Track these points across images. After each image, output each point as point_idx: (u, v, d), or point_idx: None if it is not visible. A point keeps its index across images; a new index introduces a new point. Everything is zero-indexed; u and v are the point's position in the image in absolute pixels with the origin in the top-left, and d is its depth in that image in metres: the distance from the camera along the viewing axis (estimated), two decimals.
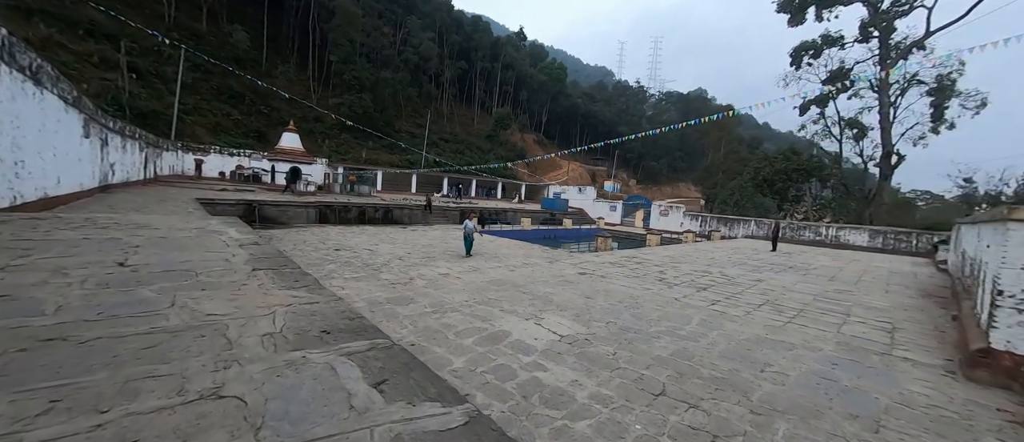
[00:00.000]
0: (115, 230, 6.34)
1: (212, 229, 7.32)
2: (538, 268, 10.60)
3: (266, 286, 3.61)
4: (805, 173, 35.86)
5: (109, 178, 16.01)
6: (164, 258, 4.48)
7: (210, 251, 5.12)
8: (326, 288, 3.69)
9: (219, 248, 5.38)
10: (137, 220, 7.79)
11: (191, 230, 7.03)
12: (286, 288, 3.59)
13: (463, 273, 9.32)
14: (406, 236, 18.71)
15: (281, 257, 5.14)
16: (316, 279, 4.01)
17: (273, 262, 4.77)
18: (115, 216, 8.20)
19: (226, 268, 4.20)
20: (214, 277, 3.79)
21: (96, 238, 5.43)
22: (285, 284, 3.74)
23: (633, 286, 8.70)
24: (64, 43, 28.83)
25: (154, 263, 4.17)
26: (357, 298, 6.65)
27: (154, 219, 8.16)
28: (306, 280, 3.95)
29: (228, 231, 7.20)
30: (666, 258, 13.96)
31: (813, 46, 28.68)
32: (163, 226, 7.20)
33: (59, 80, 9.30)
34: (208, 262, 4.42)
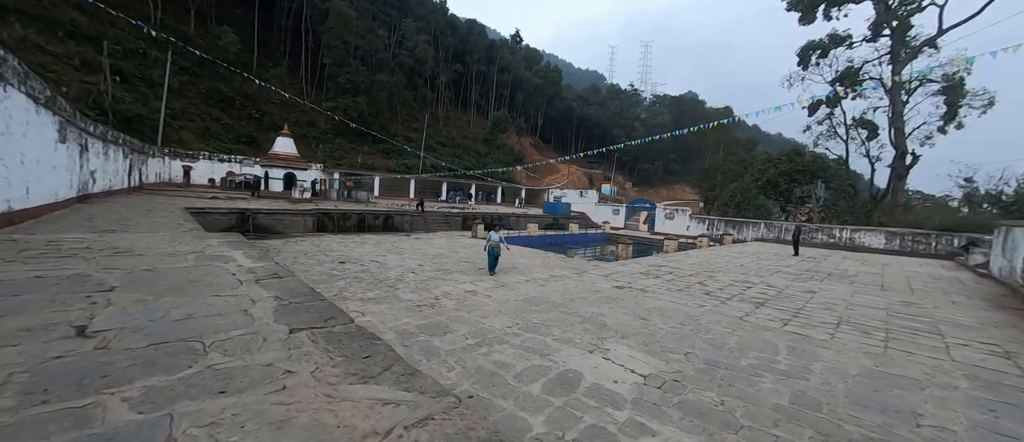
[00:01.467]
0: (84, 259, 5.09)
1: (213, 253, 6.13)
2: (568, 281, 9.68)
3: (324, 373, 2.38)
4: (810, 174, 35.54)
5: (89, 187, 14.75)
6: (150, 313, 3.28)
7: (218, 294, 3.95)
8: (420, 372, 2.52)
9: (229, 287, 4.22)
10: (116, 242, 6.56)
11: (186, 256, 5.82)
12: (358, 376, 2.36)
13: (491, 290, 8.35)
14: (412, 245, 17.66)
15: (321, 302, 3.96)
16: (400, 358, 2.71)
17: (314, 312, 3.54)
18: (88, 236, 6.99)
19: (249, 331, 3.00)
20: (235, 356, 2.56)
21: (54, 276, 4.19)
22: (353, 366, 2.50)
23: (683, 302, 7.81)
24: (42, 45, 27.31)
25: (135, 325, 2.98)
26: (382, 326, 5.64)
27: (138, 241, 6.93)
28: (382, 353, 2.70)
29: (233, 256, 6.03)
30: (694, 266, 13.14)
31: (820, 46, 28.36)
32: (149, 250, 6.00)
33: (28, 77, 8.18)
34: (219, 319, 3.23)
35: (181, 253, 6.02)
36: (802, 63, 29.77)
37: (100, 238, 7.00)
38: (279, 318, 3.38)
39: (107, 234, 7.46)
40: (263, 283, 4.51)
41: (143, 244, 6.65)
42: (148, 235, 7.71)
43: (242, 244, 7.30)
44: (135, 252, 5.87)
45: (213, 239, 7.73)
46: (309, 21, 53.19)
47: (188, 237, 7.75)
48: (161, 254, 5.82)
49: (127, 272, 4.61)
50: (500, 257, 10.00)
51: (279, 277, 4.84)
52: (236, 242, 7.58)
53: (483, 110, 76.98)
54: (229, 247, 6.84)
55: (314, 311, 3.66)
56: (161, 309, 3.45)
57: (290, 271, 5.36)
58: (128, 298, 3.70)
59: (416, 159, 50.10)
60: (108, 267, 4.80)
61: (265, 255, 6.33)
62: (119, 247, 6.19)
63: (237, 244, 7.27)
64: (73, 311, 3.27)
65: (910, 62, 24.15)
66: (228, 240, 7.69)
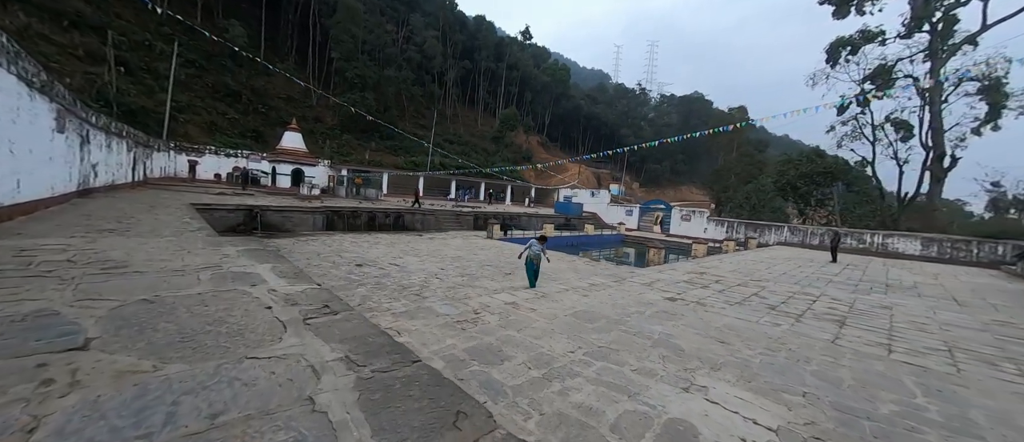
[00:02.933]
0: (59, 281, 3.79)
1: (233, 269, 4.85)
2: (611, 291, 8.78)
3: None
4: (831, 176, 34.41)
5: (91, 181, 13.95)
6: (143, 410, 1.94)
7: (254, 353, 2.73)
8: None
9: (268, 334, 2.89)
10: (109, 251, 5.36)
11: (199, 275, 4.52)
12: None
13: (532, 301, 7.46)
14: (428, 246, 16.80)
15: (425, 376, 2.76)
16: None
17: (426, 405, 2.22)
18: (75, 242, 5.79)
19: None
20: None
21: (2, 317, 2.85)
22: None
23: (753, 319, 6.90)
24: (46, 34, 26.60)
25: None
26: (425, 349, 4.75)
27: (136, 249, 5.72)
28: None
29: (259, 272, 4.73)
30: (735, 273, 12.19)
31: (851, 42, 27.19)
32: (150, 264, 4.82)
33: (20, 57, 7.33)
34: (271, 428, 1.90)
35: (191, 269, 4.83)
36: (830, 60, 28.59)
37: (90, 246, 5.75)
38: (373, 423, 2.02)
39: (101, 237, 6.43)
40: (314, 325, 3.26)
41: (142, 255, 5.45)
42: (150, 240, 6.61)
43: (265, 253, 6.17)
44: (131, 268, 4.69)
45: (229, 247, 6.54)
46: (317, 15, 52.40)
47: (198, 242, 6.72)
48: (165, 271, 4.62)
49: (115, 307, 3.32)
50: (530, 264, 8.99)
51: (332, 312, 3.56)
52: (257, 250, 6.47)
53: (491, 108, 76.00)
54: (251, 258, 5.66)
55: (425, 400, 2.19)
56: (162, 398, 2.09)
57: (345, 303, 4.23)
58: (108, 368, 2.35)
59: (424, 156, 49.24)
60: (89, 297, 3.53)
61: (300, 274, 5.03)
62: (111, 260, 4.93)
63: (259, 253, 6.12)
64: (17, 393, 1.94)
65: (949, 59, 22.99)
66: (247, 247, 6.58)
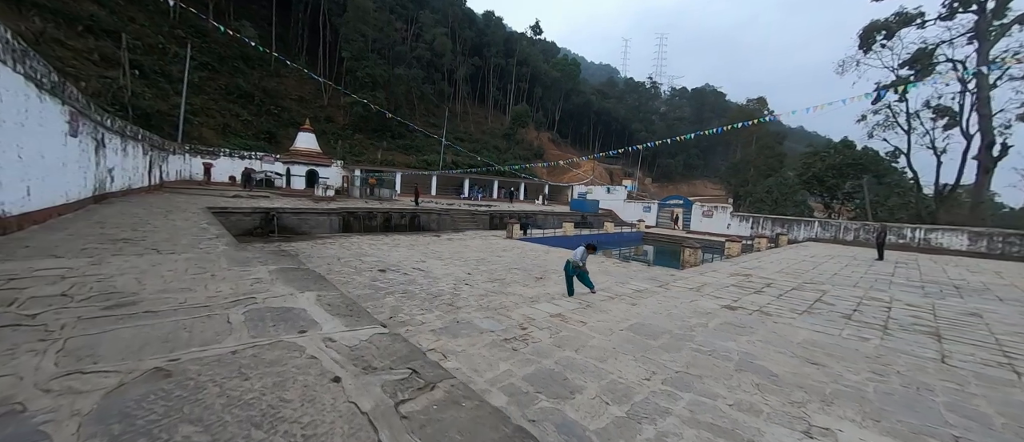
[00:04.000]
0: (40, 337, 2.74)
1: (270, 304, 3.62)
2: (659, 297, 8.05)
3: None
4: (862, 167, 32.92)
5: (107, 186, 13.64)
6: None
7: None
8: None
9: None
10: (115, 279, 4.29)
11: (229, 315, 3.40)
12: None
13: (579, 312, 6.76)
14: (448, 248, 16.22)
15: None
16: None
17: None
18: (77, 266, 4.77)
19: None
20: None
21: None
22: None
23: (834, 332, 6.12)
24: (61, 39, 26.65)
25: None
26: (479, 379, 4.11)
27: (149, 272, 4.70)
28: None
29: (305, 308, 3.54)
30: (783, 274, 11.33)
31: (886, 26, 25.70)
32: (166, 296, 3.78)
33: (27, 55, 6.86)
34: None
35: (218, 303, 3.71)
36: (864, 45, 27.11)
37: (94, 269, 4.73)
38: None
39: (110, 256, 5.45)
40: (413, 416, 2.11)
41: (156, 281, 4.40)
42: (166, 258, 5.63)
43: (302, 274, 4.97)
44: (142, 303, 3.62)
45: (258, 266, 5.39)
46: (326, 15, 52.16)
47: (221, 259, 5.75)
48: (185, 308, 3.54)
49: (112, 390, 2.17)
50: (576, 276, 8.24)
51: (425, 383, 2.45)
52: (290, 268, 5.36)
53: (501, 105, 75.21)
54: (287, 283, 4.53)
55: None
56: None
57: (433, 362, 2.88)
58: None
59: (436, 155, 48.77)
60: (78, 367, 2.41)
61: (354, 308, 3.74)
62: (117, 291, 3.89)
63: (294, 274, 5.02)
64: None
65: (998, 41, 21.48)
66: (280, 266, 5.45)
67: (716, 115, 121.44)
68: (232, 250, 6.45)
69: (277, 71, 50.58)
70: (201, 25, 45.40)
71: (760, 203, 43.90)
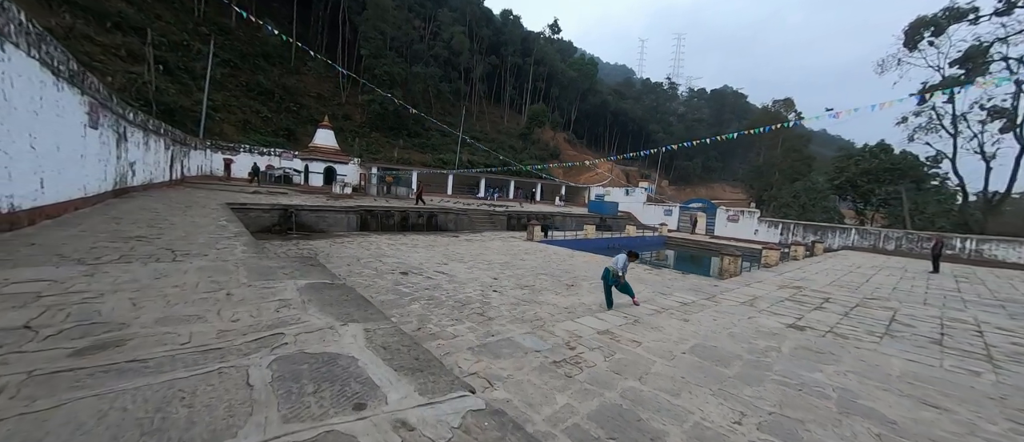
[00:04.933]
0: None
1: (307, 349, 2.60)
2: (710, 312, 7.28)
3: None
4: (900, 172, 31.15)
5: (128, 180, 13.46)
6: None
7: None
8: None
9: None
10: (105, 300, 3.22)
11: (249, 368, 2.25)
12: None
13: (629, 329, 6.05)
14: (469, 250, 15.63)
15: None
16: None
17: None
18: (66, 274, 3.86)
19: None
20: None
21: None
22: None
23: (935, 363, 5.28)
24: (90, 35, 27.07)
25: None
26: (534, 413, 3.45)
27: (150, 289, 3.61)
28: None
29: (360, 359, 2.50)
30: (837, 287, 10.37)
31: (934, 22, 24.09)
32: (165, 334, 2.66)
33: (44, 40, 6.49)
34: None
35: (234, 345, 2.58)
36: (909, 43, 25.50)
37: (83, 284, 3.62)
38: None
39: (109, 265, 4.48)
40: None
41: (155, 302, 3.28)
42: (172, 270, 4.45)
43: (344, 299, 3.75)
44: (129, 340, 2.53)
45: (285, 281, 4.35)
46: (346, 12, 52.34)
47: (239, 270, 4.74)
48: (187, 352, 2.42)
49: None
50: (615, 286, 7.51)
51: None
52: (324, 286, 4.24)
53: (517, 104, 74.55)
54: (323, 310, 3.37)
55: None
56: None
57: None
58: None
59: (452, 154, 48.43)
60: None
61: (428, 362, 2.56)
62: (100, 321, 2.80)
63: (335, 298, 3.78)
64: None
65: None
66: (309, 282, 4.35)
67: (736, 117, 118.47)
68: (252, 255, 5.85)
69: (297, 68, 51.01)
70: (225, 23, 46.06)
71: (786, 208, 42.20)
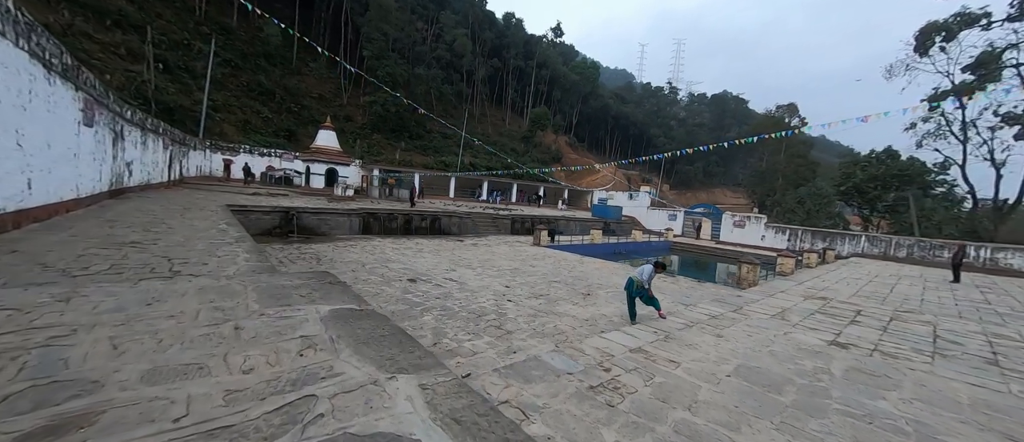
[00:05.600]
0: None
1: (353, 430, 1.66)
2: (742, 327, 6.85)
3: None
4: (907, 179, 30.85)
5: (125, 180, 12.99)
6: None
7: None
8: None
9: None
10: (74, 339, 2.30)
11: None
12: None
13: (661, 346, 5.60)
14: (475, 254, 15.19)
15: None
16: None
17: None
18: (30, 301, 2.84)
19: None
20: None
21: None
22: None
23: (1003, 389, 4.85)
24: (89, 32, 26.63)
25: None
26: None
27: (139, 321, 2.66)
28: None
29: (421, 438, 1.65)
30: (862, 298, 9.96)
31: (945, 27, 23.85)
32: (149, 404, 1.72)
33: (34, 30, 6.05)
34: None
35: (248, 419, 1.70)
36: (920, 48, 25.26)
37: (49, 318, 2.62)
38: None
39: (92, 284, 3.47)
40: None
41: (145, 343, 2.35)
42: (167, 292, 3.39)
43: (384, 336, 2.79)
44: (104, 427, 1.55)
45: (306, 310, 3.24)
46: (348, 14, 52.04)
47: (248, 293, 3.63)
48: (190, 438, 1.54)
49: None
50: (639, 298, 7.07)
51: None
52: (359, 320, 3.08)
53: (518, 107, 74.30)
54: (363, 357, 2.40)
55: None
56: None
57: None
58: None
59: (454, 156, 48.04)
60: None
61: None
62: (63, 381, 1.86)
63: (372, 333, 2.82)
64: None
65: None
66: (334, 308, 3.36)
67: (737, 122, 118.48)
68: (258, 265, 5.32)
69: (298, 69, 50.63)
70: (226, 22, 45.69)
71: (791, 213, 41.86)
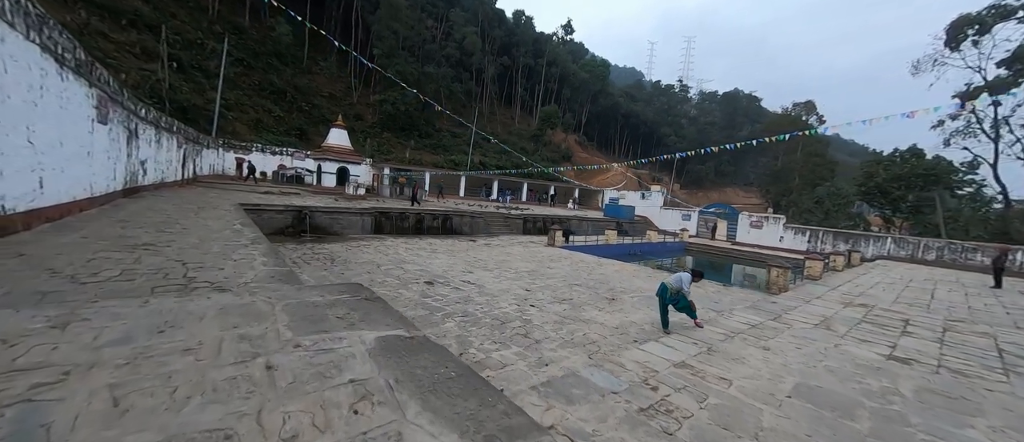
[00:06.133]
0: None
1: None
2: (788, 338, 6.37)
3: None
4: (934, 178, 29.76)
5: (139, 179, 12.87)
6: None
7: None
8: None
9: None
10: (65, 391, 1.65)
11: None
12: None
13: (705, 360, 5.17)
14: (490, 255, 14.85)
15: None
16: None
17: None
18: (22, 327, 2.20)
19: None
20: None
21: None
22: None
23: None
24: (105, 32, 26.85)
25: None
26: None
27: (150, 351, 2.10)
28: None
29: None
30: (905, 306, 9.37)
31: (978, 20, 22.83)
32: None
33: (46, 23, 5.81)
34: None
35: None
36: (951, 43, 24.25)
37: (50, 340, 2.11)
38: None
39: (96, 302, 2.79)
40: None
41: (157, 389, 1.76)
42: (181, 315, 2.65)
43: (454, 381, 2.13)
44: None
45: (350, 338, 2.57)
46: (359, 12, 52.02)
47: (277, 314, 2.88)
48: None
49: None
50: (672, 305, 6.65)
51: None
52: (417, 356, 2.43)
53: (528, 106, 73.77)
54: (436, 417, 1.77)
55: None
56: None
57: None
58: None
59: (463, 155, 47.78)
60: None
61: None
62: None
63: (444, 390, 2.05)
64: None
65: None
66: (380, 335, 2.72)
67: (749, 120, 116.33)
68: (280, 277, 4.88)
69: (309, 68, 50.78)
70: (238, 22, 45.94)
71: (808, 214, 40.81)
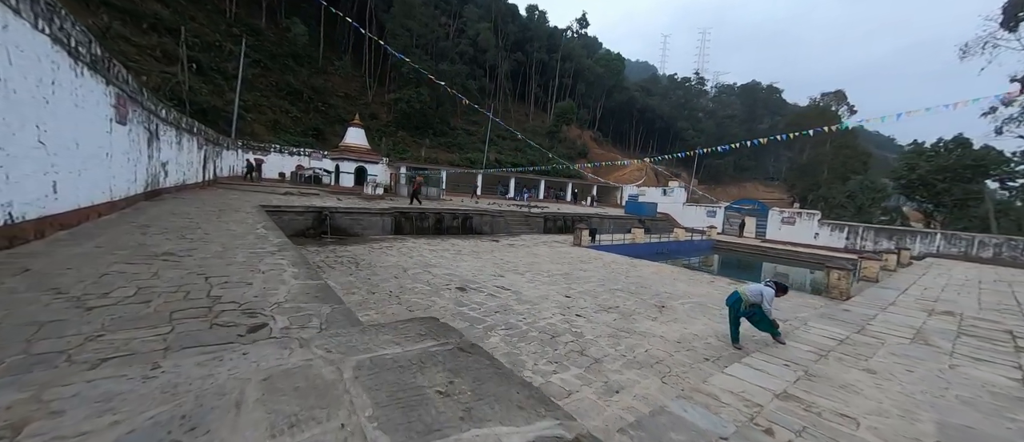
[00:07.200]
0: None
1: None
2: (886, 357, 5.53)
3: None
4: (983, 170, 27.83)
5: (160, 181, 12.60)
6: None
7: None
8: None
9: None
10: None
11: None
12: None
13: (807, 386, 4.38)
14: (517, 257, 14.18)
15: None
16: None
17: None
18: None
19: None
20: None
21: None
22: None
23: None
24: (126, 35, 27.11)
25: None
26: None
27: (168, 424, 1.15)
28: None
29: None
30: (994, 313, 8.31)
31: None
32: None
33: (56, 13, 5.34)
34: None
35: None
36: (1008, 23, 22.47)
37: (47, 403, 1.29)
38: None
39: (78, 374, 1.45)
40: None
41: None
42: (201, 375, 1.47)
43: None
44: None
45: (420, 381, 1.64)
46: (373, 11, 51.83)
47: (354, 390, 1.52)
48: None
49: None
50: (750, 322, 5.86)
51: None
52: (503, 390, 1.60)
53: (542, 102, 72.74)
54: None
55: None
56: None
57: None
58: None
59: (479, 153, 47.20)
60: None
61: None
62: None
63: None
64: None
65: None
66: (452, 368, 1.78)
67: (770, 113, 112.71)
68: (316, 293, 4.13)
69: (324, 68, 50.89)
70: (255, 24, 46.25)
71: (840, 209, 38.94)
